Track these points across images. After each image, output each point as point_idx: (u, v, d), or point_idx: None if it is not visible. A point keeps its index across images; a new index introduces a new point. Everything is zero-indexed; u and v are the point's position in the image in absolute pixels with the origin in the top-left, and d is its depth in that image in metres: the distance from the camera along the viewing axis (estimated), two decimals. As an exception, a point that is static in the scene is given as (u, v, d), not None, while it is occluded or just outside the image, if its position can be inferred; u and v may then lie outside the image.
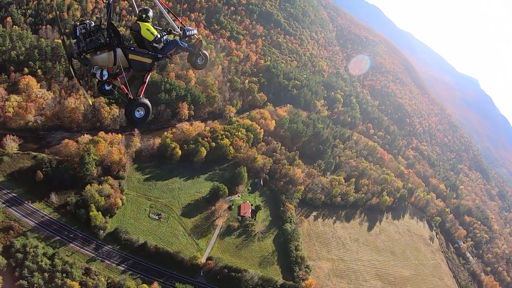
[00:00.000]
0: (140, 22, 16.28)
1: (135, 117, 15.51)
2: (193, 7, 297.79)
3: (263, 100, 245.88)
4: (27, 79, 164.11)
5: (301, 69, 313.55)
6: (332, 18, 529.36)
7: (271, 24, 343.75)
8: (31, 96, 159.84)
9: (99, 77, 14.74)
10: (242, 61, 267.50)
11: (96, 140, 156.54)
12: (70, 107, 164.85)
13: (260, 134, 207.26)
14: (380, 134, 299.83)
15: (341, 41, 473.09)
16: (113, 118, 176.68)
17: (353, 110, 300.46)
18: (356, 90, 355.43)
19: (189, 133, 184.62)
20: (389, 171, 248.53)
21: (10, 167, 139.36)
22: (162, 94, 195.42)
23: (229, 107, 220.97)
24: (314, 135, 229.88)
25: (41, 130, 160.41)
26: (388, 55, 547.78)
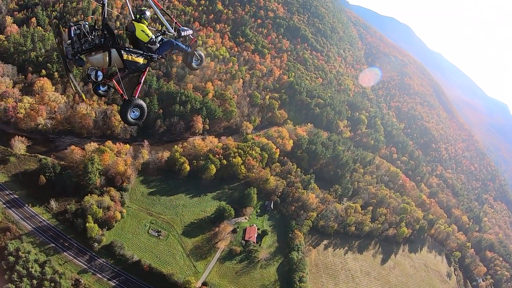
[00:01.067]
0: (136, 23, 15.68)
1: (130, 118, 14.92)
2: (219, 18, 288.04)
3: (283, 117, 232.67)
4: (42, 82, 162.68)
5: (326, 87, 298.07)
6: (361, 36, 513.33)
7: (298, 39, 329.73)
8: (44, 99, 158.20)
9: (94, 77, 14.35)
10: (264, 76, 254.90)
11: (102, 149, 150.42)
12: (81, 112, 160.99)
13: (276, 154, 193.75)
14: (403, 159, 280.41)
15: (370, 60, 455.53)
16: (123, 127, 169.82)
17: (377, 133, 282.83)
18: (382, 112, 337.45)
19: (200, 149, 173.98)
20: (410, 200, 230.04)
21: (15, 168, 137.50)
22: (177, 106, 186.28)
23: (246, 123, 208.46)
24: (333, 157, 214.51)
25: (51, 134, 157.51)
26: (417, 76, 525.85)
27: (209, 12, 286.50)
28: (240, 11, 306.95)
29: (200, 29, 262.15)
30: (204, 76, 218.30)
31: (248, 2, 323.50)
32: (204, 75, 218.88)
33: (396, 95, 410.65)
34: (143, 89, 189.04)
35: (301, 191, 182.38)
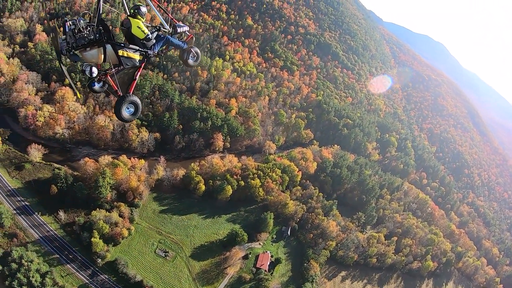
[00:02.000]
0: (131, 19, 14.92)
1: (125, 114, 14.35)
2: (249, 33, 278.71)
3: (309, 137, 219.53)
4: (63, 91, 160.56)
5: (356, 106, 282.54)
6: (394, 54, 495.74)
7: (329, 56, 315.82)
8: (64, 108, 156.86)
9: (88, 73, 13.69)
10: (292, 93, 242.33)
11: (115, 163, 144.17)
12: (99, 124, 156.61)
13: (298, 176, 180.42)
14: (434, 185, 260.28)
15: (402, 79, 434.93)
16: (141, 142, 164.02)
17: (407, 156, 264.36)
18: (413, 134, 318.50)
19: (218, 168, 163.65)
20: (438, 230, 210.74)
21: (30, 175, 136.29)
22: (197, 122, 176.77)
23: (269, 142, 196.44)
24: (359, 182, 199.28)
25: (69, 143, 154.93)
26: (450, 97, 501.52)
27: (238, 27, 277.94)
28: (270, 26, 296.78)
29: (228, 44, 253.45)
30: (228, 92, 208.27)
31: (278, 18, 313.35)
32: (229, 91, 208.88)
33: (429, 117, 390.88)
34: (166, 103, 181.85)
35: (322, 217, 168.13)
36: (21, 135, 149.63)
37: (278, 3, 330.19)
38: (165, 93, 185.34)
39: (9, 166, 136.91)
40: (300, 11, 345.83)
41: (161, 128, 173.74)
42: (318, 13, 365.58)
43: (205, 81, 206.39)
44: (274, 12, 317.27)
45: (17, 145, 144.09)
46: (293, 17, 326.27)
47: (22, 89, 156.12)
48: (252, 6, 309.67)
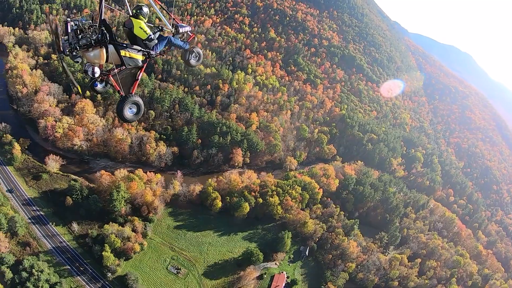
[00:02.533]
0: (134, 19, 14.69)
1: (127, 115, 14.27)
2: (272, 46, 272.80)
3: (331, 153, 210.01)
4: (83, 103, 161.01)
5: (380, 120, 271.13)
6: (420, 65, 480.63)
7: (353, 69, 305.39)
8: (83, 121, 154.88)
9: (91, 74, 13.58)
10: (315, 108, 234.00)
11: (131, 177, 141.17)
12: (117, 137, 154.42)
13: (318, 194, 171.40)
14: (461, 202, 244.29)
15: (428, 91, 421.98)
16: (158, 156, 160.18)
17: (434, 172, 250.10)
18: (440, 148, 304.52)
19: (236, 184, 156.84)
20: (464, 251, 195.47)
21: (46, 185, 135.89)
22: (216, 136, 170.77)
23: (291, 158, 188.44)
24: (383, 200, 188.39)
25: (87, 155, 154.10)
26: (478, 109, 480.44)
27: (261, 40, 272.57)
28: (293, 39, 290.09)
29: (251, 57, 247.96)
30: (249, 106, 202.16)
31: (302, 30, 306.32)
32: (250, 105, 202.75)
33: (456, 130, 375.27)
34: (186, 117, 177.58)
35: (342, 237, 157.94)
36: (41, 145, 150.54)
37: (302, 15, 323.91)
38: (185, 106, 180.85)
39: (27, 176, 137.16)
40: (324, 23, 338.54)
41: (180, 142, 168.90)
42: (342, 25, 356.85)
43: (226, 94, 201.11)
44: (297, 24, 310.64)
45: (36, 155, 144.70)
46: (317, 30, 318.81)
47: (43, 100, 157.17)
48: (275, 18, 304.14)
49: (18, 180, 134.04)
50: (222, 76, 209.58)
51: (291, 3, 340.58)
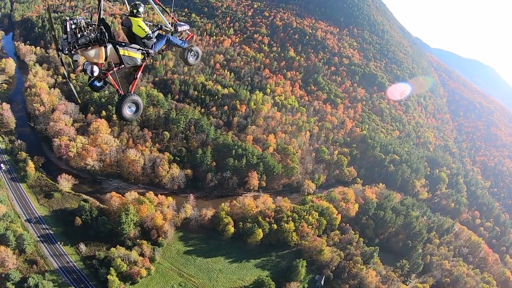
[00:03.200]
0: (132, 18, 14.70)
1: (126, 113, 14.22)
2: (291, 65, 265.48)
3: (352, 175, 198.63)
4: (98, 123, 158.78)
5: (403, 140, 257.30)
6: (443, 81, 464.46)
7: (374, 87, 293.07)
8: (97, 141, 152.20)
9: (89, 72, 13.43)
10: (335, 128, 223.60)
11: (141, 200, 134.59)
12: (130, 158, 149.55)
13: (337, 220, 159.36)
14: (488, 225, 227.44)
15: (452, 108, 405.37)
16: (171, 178, 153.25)
17: (459, 194, 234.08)
18: (465, 168, 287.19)
19: (250, 209, 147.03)
20: (491, 278, 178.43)
21: (57, 204, 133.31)
22: (231, 159, 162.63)
23: (308, 182, 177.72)
24: (405, 225, 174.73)
25: (100, 175, 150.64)
26: (504, 125, 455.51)
27: (280, 59, 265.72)
28: (313, 58, 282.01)
29: (270, 77, 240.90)
30: (267, 127, 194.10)
31: (321, 49, 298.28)
32: (268, 126, 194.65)
33: (482, 148, 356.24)
34: (201, 138, 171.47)
35: (360, 266, 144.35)
36: (55, 163, 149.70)
37: (321, 34, 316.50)
38: (200, 128, 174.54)
39: (39, 193, 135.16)
40: (344, 41, 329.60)
41: (194, 164, 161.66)
42: (363, 43, 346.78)
43: (243, 115, 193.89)
44: (317, 43, 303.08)
45: (50, 173, 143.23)
46: (337, 48, 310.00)
47: (59, 119, 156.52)
48: (295, 37, 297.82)
49: (30, 198, 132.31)
50: (240, 96, 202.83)
51: (310, 22, 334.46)
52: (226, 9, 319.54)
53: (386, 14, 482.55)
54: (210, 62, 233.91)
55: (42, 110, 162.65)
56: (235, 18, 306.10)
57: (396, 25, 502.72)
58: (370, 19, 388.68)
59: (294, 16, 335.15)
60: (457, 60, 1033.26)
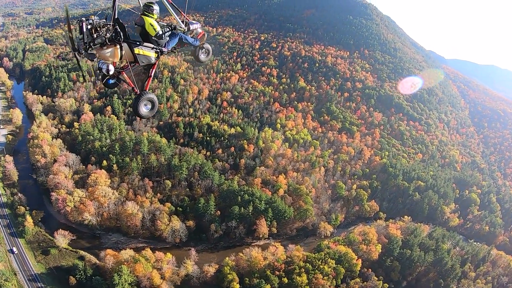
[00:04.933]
0: (145, 17, 14.71)
1: (143, 111, 14.22)
2: (302, 96, 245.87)
3: (373, 210, 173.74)
4: (97, 175, 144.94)
5: (427, 163, 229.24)
6: (463, 93, 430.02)
7: (392, 109, 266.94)
8: (95, 194, 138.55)
9: (105, 71, 13.42)
10: (352, 159, 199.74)
11: (136, 258, 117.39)
12: (128, 212, 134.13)
13: (357, 266, 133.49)
14: None
15: (476, 120, 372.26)
16: (172, 231, 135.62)
17: (493, 214, 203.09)
18: (497, 184, 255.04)
19: (257, 262, 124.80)
20: None
21: (54, 261, 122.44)
22: (236, 207, 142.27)
23: (324, 224, 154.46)
24: (435, 262, 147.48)
25: (98, 229, 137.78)
26: None
27: (290, 91, 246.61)
28: (325, 85, 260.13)
29: (280, 111, 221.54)
30: (277, 167, 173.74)
31: (333, 75, 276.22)
32: (278, 165, 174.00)
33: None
34: (206, 185, 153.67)
35: None
36: (55, 217, 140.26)
37: (331, 60, 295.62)
38: (204, 173, 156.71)
39: (36, 249, 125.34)
40: (356, 64, 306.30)
41: (198, 214, 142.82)
42: (375, 64, 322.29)
43: (251, 156, 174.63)
44: (327, 69, 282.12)
45: (49, 228, 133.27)
46: (349, 72, 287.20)
47: (58, 171, 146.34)
48: (304, 66, 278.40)
49: (27, 254, 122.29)
50: (247, 135, 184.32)
51: (319, 48, 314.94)
52: (233, 44, 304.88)
53: (397, 31, 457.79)
54: (217, 100, 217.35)
55: (44, 161, 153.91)
56: (242, 52, 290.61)
57: (408, 41, 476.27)
58: (381, 38, 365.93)
59: (302, 44, 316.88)
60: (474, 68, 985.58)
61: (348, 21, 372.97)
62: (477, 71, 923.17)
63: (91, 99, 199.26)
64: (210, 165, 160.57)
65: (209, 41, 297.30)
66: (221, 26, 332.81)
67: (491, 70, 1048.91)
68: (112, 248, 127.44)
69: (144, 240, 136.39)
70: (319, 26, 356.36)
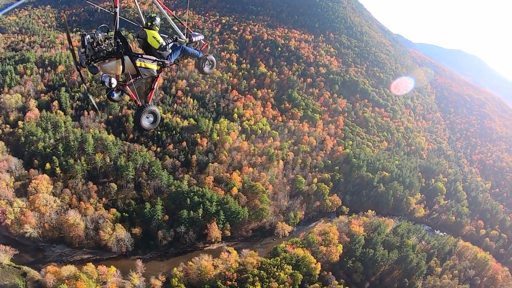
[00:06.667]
0: (147, 30, 14.49)
1: (145, 124, 14.21)
2: (262, 83, 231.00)
3: (336, 205, 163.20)
4: (38, 181, 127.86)
5: (393, 152, 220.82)
6: (429, 77, 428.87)
7: (357, 95, 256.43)
8: (35, 203, 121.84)
9: (108, 84, 13.41)
10: (314, 150, 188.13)
11: (76, 275, 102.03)
12: (69, 222, 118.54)
13: (316, 270, 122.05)
14: (493, 233, 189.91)
15: (442, 105, 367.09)
16: (116, 240, 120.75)
17: (459, 204, 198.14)
18: (463, 171, 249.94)
19: (207, 272, 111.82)
20: None
21: None
22: (184, 211, 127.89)
23: (282, 224, 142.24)
24: (400, 260, 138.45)
25: (42, 241, 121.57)
26: (497, 116, 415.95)
27: (250, 77, 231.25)
28: (287, 71, 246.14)
29: (238, 99, 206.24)
30: (232, 162, 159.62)
31: (295, 60, 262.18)
32: (233, 160, 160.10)
33: (478, 145, 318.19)
34: (155, 185, 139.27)
35: None
36: None
37: (295, 43, 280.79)
38: (152, 173, 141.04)
39: None
40: (320, 49, 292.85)
41: (145, 219, 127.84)
42: (340, 48, 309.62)
43: (204, 151, 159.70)
44: (290, 54, 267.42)
45: None
46: (312, 57, 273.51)
47: None
48: (266, 51, 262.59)
49: None
50: (201, 128, 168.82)
51: (283, 32, 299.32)
52: (192, 28, 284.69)
53: (364, 15, 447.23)
54: (171, 89, 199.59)
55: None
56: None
57: (375, 25, 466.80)
58: (347, 21, 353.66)
59: (265, 28, 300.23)
60: (441, 52, 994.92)
61: (314, 3, 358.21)
62: (444, 56, 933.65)
63: (38, 94, 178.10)
64: (158, 164, 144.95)
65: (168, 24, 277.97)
66: (180, 9, 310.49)
67: (458, 55, 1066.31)
68: (56, 261, 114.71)
69: (90, 251, 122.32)
70: (284, 8, 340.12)
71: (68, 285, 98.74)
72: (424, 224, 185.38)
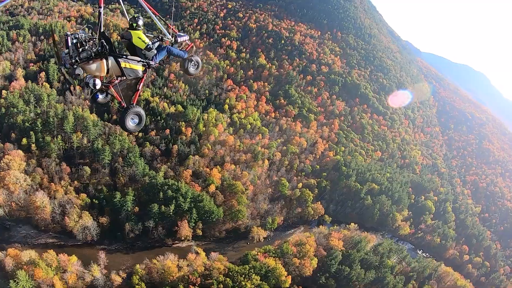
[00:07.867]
0: (132, 31, 14.34)
1: (129, 125, 13.72)
2: (260, 75, 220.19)
3: (318, 213, 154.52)
4: (10, 157, 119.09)
5: (385, 163, 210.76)
6: (434, 90, 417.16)
7: (356, 99, 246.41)
8: (5, 179, 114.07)
9: (92, 86, 12.89)
10: (303, 152, 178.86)
11: (36, 262, 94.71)
12: (35, 204, 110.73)
13: (286, 283, 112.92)
14: (477, 260, 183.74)
15: (443, 120, 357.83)
16: (82, 228, 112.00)
17: (446, 226, 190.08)
18: (455, 191, 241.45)
19: (170, 273, 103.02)
20: None
21: None
22: (155, 205, 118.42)
23: (257, 229, 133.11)
24: (377, 281, 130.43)
25: (8, 221, 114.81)
26: (496, 138, 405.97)
27: (248, 67, 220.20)
28: (287, 65, 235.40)
29: (232, 89, 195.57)
30: (215, 156, 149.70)
31: (298, 55, 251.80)
32: (216, 155, 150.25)
33: (473, 165, 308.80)
34: (131, 173, 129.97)
35: None
36: None
37: (300, 38, 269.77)
38: (129, 160, 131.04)
39: None
40: (325, 46, 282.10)
41: (115, 209, 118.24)
42: (346, 48, 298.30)
43: (186, 142, 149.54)
44: (293, 48, 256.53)
45: None
46: (316, 54, 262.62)
47: None
48: (268, 42, 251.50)
49: None
50: (187, 116, 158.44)
51: (289, 24, 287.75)
52: (196, 10, 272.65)
53: (375, 17, 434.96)
54: (164, 72, 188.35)
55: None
56: (204, 19, 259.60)
57: (385, 29, 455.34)
58: (357, 22, 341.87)
59: (271, 18, 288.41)
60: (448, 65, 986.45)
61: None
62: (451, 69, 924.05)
63: (27, 62, 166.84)
64: (137, 151, 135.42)
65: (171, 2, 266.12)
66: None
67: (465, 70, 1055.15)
68: (21, 242, 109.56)
69: (55, 235, 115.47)
70: (293, 0, 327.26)
71: (26, 272, 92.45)
72: (407, 242, 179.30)
